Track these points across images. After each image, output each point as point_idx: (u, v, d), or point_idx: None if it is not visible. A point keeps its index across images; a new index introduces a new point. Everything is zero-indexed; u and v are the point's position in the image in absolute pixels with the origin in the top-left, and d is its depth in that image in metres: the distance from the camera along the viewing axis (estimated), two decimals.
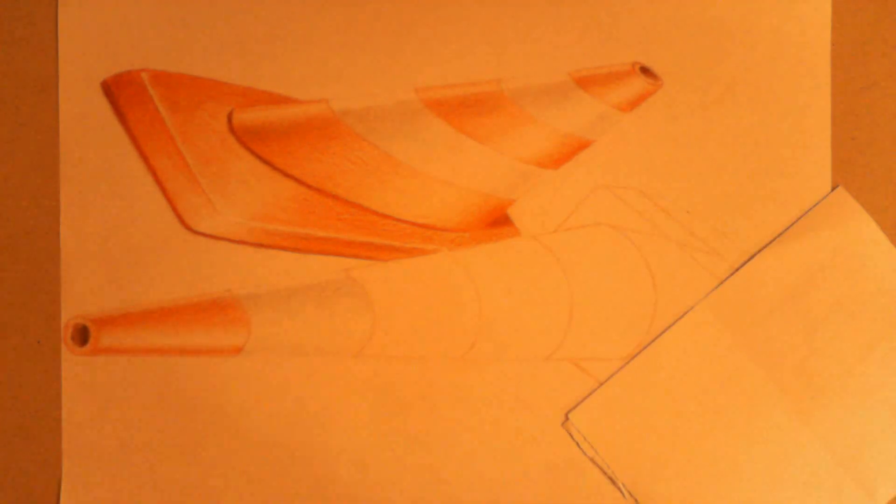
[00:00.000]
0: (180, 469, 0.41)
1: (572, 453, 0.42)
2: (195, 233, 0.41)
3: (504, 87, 0.42)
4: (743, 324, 0.42)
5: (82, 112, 0.41)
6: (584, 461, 0.42)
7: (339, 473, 0.41)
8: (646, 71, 0.42)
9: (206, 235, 0.41)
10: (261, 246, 0.41)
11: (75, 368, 0.41)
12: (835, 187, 0.42)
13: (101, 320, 0.41)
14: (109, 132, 0.41)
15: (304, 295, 0.41)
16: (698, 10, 0.42)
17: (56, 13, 0.42)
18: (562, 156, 0.42)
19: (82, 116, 0.41)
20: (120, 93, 0.42)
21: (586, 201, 0.42)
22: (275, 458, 0.41)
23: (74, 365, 0.41)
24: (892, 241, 0.42)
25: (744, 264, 0.42)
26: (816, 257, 0.42)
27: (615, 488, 0.42)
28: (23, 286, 0.41)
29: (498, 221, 0.42)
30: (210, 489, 0.41)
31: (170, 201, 0.41)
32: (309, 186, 0.42)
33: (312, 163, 0.42)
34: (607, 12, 0.42)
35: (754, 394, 0.41)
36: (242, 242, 0.41)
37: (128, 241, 0.41)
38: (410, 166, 0.42)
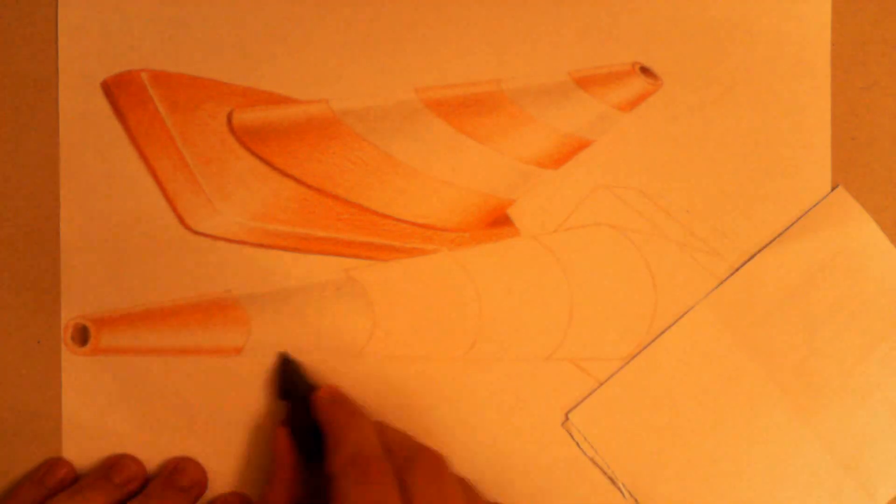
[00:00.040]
0: None
1: (572, 453, 0.42)
2: (195, 233, 0.41)
3: (504, 87, 0.42)
4: (743, 324, 0.42)
5: (82, 112, 0.41)
6: (584, 461, 0.42)
7: None
8: (646, 71, 0.42)
9: (206, 235, 0.41)
10: (261, 246, 0.41)
11: (75, 368, 0.41)
12: (835, 187, 0.42)
13: (101, 320, 0.41)
14: (109, 132, 0.41)
15: (304, 295, 0.41)
16: (698, 10, 0.42)
17: (56, 13, 0.42)
18: (562, 156, 0.42)
19: (82, 116, 0.41)
20: (120, 93, 0.41)
21: (586, 201, 0.42)
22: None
23: (74, 365, 0.41)
24: (892, 241, 0.42)
25: (744, 264, 0.42)
26: (816, 257, 0.42)
27: (615, 488, 0.42)
28: (23, 286, 0.41)
29: (498, 221, 0.42)
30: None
31: (170, 201, 0.41)
32: (309, 186, 0.42)
33: (312, 163, 0.42)
34: (607, 12, 0.42)
35: (754, 394, 0.41)
36: (242, 242, 0.41)
37: (128, 241, 0.41)
38: (410, 166, 0.42)
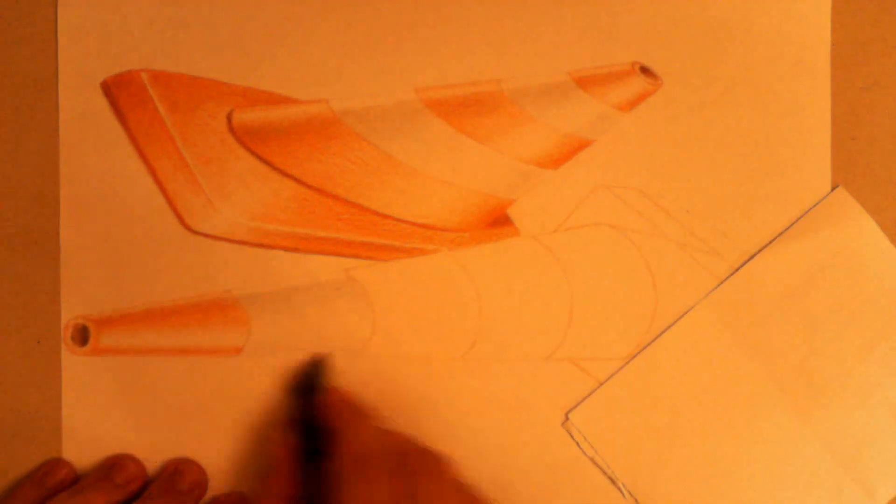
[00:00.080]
0: None
1: (572, 453, 0.42)
2: (195, 233, 0.41)
3: (504, 87, 0.42)
4: (743, 324, 0.42)
5: (82, 112, 0.41)
6: (584, 461, 0.42)
7: None
8: (646, 71, 0.42)
9: (206, 235, 0.41)
10: (261, 246, 0.41)
11: (75, 368, 0.41)
12: (835, 187, 0.42)
13: (101, 320, 0.41)
14: (109, 132, 0.41)
15: (304, 295, 0.41)
16: (698, 10, 0.42)
17: (56, 13, 0.42)
18: (562, 156, 0.42)
19: (82, 116, 0.41)
20: (120, 93, 0.41)
21: (586, 201, 0.42)
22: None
23: (74, 365, 0.41)
24: (892, 241, 0.42)
25: (744, 264, 0.42)
26: (816, 257, 0.42)
27: (615, 488, 0.41)
28: (23, 286, 0.41)
29: (498, 221, 0.42)
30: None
31: (170, 201, 0.41)
32: (309, 186, 0.42)
33: (312, 163, 0.42)
34: (607, 12, 0.42)
35: (754, 394, 0.41)
36: (242, 242, 0.41)
37: (128, 241, 0.41)
38: (410, 166, 0.42)
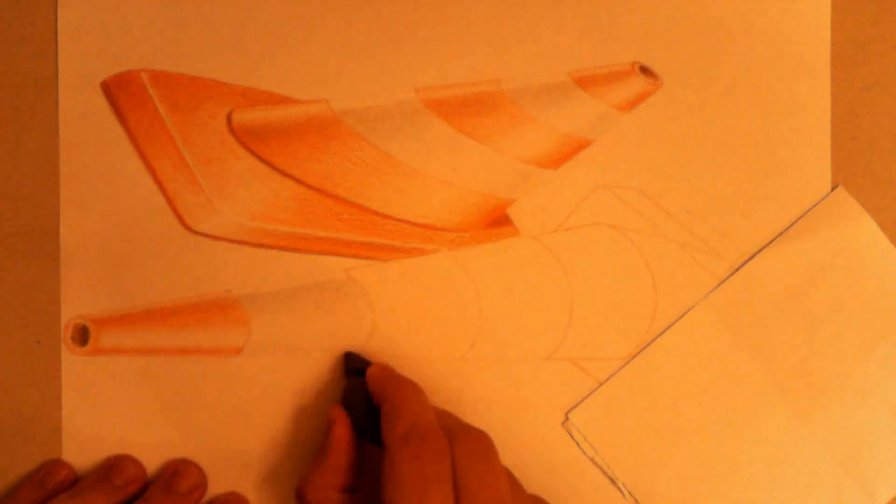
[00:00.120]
0: None
1: (572, 453, 0.42)
2: (195, 233, 0.41)
3: (504, 87, 0.42)
4: (743, 324, 0.42)
5: (82, 112, 0.41)
6: (584, 461, 0.42)
7: None
8: (646, 71, 0.42)
9: (206, 235, 0.41)
10: (261, 246, 0.41)
11: (75, 368, 0.41)
12: (835, 187, 0.42)
13: (101, 320, 0.41)
14: (109, 132, 0.41)
15: (304, 295, 0.41)
16: (698, 10, 0.42)
17: (56, 13, 0.42)
18: (562, 156, 0.42)
19: (82, 116, 0.41)
20: (120, 93, 0.41)
21: (586, 201, 0.42)
22: (275, 457, 0.41)
23: (74, 365, 0.41)
24: (892, 241, 0.42)
25: (744, 264, 0.42)
26: (816, 257, 0.42)
27: (615, 488, 0.41)
28: (23, 286, 0.41)
29: (498, 221, 0.42)
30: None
31: (170, 201, 0.41)
32: (309, 186, 0.42)
33: (312, 163, 0.42)
34: (607, 12, 0.42)
35: (754, 394, 0.41)
36: (242, 242, 0.41)
37: (128, 241, 0.41)
38: (410, 166, 0.42)
